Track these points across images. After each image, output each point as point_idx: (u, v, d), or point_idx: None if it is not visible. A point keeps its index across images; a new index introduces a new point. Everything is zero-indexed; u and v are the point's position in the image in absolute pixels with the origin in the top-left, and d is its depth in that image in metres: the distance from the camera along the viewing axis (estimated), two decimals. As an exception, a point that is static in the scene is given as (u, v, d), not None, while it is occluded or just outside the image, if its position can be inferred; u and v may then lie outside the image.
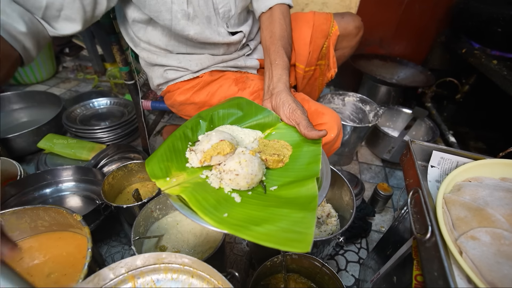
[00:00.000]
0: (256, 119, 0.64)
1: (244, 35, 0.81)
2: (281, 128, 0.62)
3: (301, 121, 0.57)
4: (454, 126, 1.44)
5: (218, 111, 0.64)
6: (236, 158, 0.48)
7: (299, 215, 0.41)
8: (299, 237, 0.38)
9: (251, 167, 0.48)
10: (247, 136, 0.59)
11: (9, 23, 0.48)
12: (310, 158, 0.55)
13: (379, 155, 1.35)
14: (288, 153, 0.56)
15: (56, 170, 0.97)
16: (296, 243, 0.37)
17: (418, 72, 1.62)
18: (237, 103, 0.65)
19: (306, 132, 0.56)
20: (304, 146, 0.58)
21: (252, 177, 0.48)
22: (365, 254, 0.94)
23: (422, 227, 0.47)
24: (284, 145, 0.58)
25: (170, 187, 0.46)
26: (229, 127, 0.61)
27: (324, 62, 1.00)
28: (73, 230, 0.69)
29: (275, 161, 0.53)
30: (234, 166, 0.47)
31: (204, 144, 0.50)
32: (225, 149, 0.49)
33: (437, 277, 0.39)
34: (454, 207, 0.50)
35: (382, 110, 1.22)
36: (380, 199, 1.03)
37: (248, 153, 0.49)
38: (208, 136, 0.52)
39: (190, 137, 0.58)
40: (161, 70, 0.82)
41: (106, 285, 0.48)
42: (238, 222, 0.41)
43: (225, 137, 0.52)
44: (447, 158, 0.61)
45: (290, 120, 0.60)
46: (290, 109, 0.60)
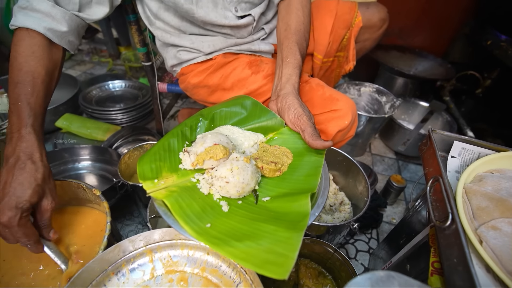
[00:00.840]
0: (259, 121, 0.60)
1: (254, 18, 0.78)
2: (285, 134, 0.58)
3: (306, 128, 0.53)
4: (471, 122, 1.40)
5: (220, 110, 0.60)
6: (228, 164, 0.45)
7: (285, 234, 0.38)
8: (279, 260, 0.35)
9: (243, 175, 0.45)
10: (247, 139, 0.56)
11: (56, 26, 0.58)
12: (310, 169, 0.51)
13: (393, 148, 1.33)
14: (288, 162, 0.53)
15: (73, 149, 0.99)
16: (274, 266, 0.34)
17: (437, 64, 1.57)
18: (242, 103, 0.62)
19: (311, 140, 0.51)
20: (306, 156, 0.54)
21: (243, 186, 0.45)
22: (375, 245, 0.94)
23: (442, 214, 0.46)
24: (284, 152, 0.54)
25: (156, 190, 0.44)
26: (230, 128, 0.58)
27: (343, 54, 0.98)
28: (91, 206, 0.71)
29: (272, 170, 0.50)
30: (225, 173, 0.44)
31: (198, 146, 0.48)
32: (218, 154, 0.46)
33: (456, 263, 0.39)
34: (475, 197, 0.49)
35: (398, 102, 1.19)
36: (393, 190, 1.02)
37: (242, 160, 0.46)
38: (204, 138, 0.49)
39: (188, 136, 0.55)
40: (175, 51, 0.82)
41: (125, 257, 0.50)
42: (219, 235, 0.39)
43: (221, 140, 0.49)
44: (469, 149, 0.60)
45: (295, 126, 0.56)
46: (295, 114, 0.56)
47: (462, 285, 0.37)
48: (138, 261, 0.51)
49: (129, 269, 0.50)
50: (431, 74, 1.48)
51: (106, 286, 0.47)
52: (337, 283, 0.69)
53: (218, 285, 0.50)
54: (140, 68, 1.70)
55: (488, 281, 0.40)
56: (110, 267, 0.48)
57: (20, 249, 0.60)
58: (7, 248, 0.60)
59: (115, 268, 0.49)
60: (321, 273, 0.72)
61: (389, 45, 1.67)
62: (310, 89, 0.78)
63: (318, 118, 0.76)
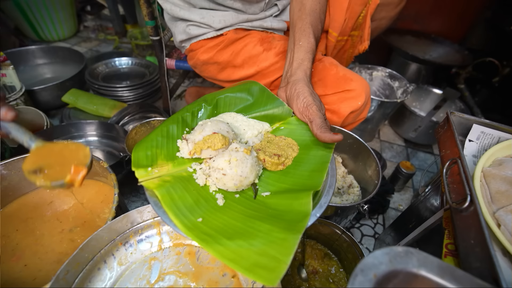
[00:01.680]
0: (266, 109, 0.56)
1: None
2: (292, 124, 0.55)
3: (315, 118, 0.49)
4: (484, 112, 1.36)
5: (225, 95, 0.57)
6: (226, 155, 0.42)
7: (281, 235, 0.35)
8: (271, 264, 0.32)
9: (241, 167, 0.42)
10: (251, 128, 0.52)
11: None
12: (317, 164, 0.47)
13: (403, 135, 1.31)
14: (293, 155, 0.50)
15: (80, 124, 0.98)
16: (264, 271, 0.31)
17: (454, 51, 1.51)
18: (248, 88, 0.58)
19: (319, 132, 0.47)
20: (313, 149, 0.50)
21: (241, 179, 0.42)
22: (380, 230, 0.93)
23: (459, 196, 0.45)
24: (290, 144, 0.51)
25: (149, 178, 0.42)
26: (234, 116, 0.54)
27: (357, 33, 0.94)
28: (98, 179, 0.70)
29: (274, 164, 0.47)
30: (222, 164, 0.41)
31: (196, 134, 0.45)
32: (217, 144, 0.43)
33: (473, 244, 0.38)
34: (494, 181, 0.47)
35: (412, 87, 1.16)
36: (402, 177, 1.00)
37: (241, 151, 0.43)
38: (203, 126, 0.46)
39: (188, 122, 0.52)
40: (184, 25, 0.79)
41: (133, 228, 0.50)
42: (210, 231, 0.36)
43: (221, 128, 0.45)
44: (488, 132, 0.57)
45: (303, 116, 0.52)
46: (304, 103, 0.52)
47: (479, 266, 0.36)
48: (146, 233, 0.51)
49: (137, 240, 0.50)
50: (446, 61, 1.43)
51: (114, 255, 0.47)
52: (342, 264, 0.69)
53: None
54: (147, 47, 1.66)
55: (504, 264, 0.39)
56: (118, 237, 0.48)
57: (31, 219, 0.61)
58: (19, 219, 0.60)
59: (123, 239, 0.49)
60: (327, 254, 0.72)
61: (403, 29, 1.61)
62: (323, 68, 0.75)
63: (330, 98, 0.74)
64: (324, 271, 0.69)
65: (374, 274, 0.28)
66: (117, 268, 0.47)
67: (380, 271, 0.28)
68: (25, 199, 0.64)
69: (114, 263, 0.47)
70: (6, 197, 0.62)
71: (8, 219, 0.60)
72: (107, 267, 0.46)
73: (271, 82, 0.79)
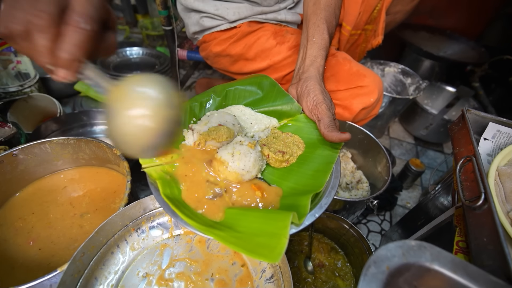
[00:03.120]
0: (275, 104, 0.55)
1: None
2: (300, 121, 0.54)
3: (323, 117, 0.48)
4: (499, 112, 1.33)
5: (235, 88, 0.56)
6: (230, 148, 0.42)
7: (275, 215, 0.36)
8: (271, 242, 0.33)
9: (244, 161, 0.41)
10: (258, 123, 0.52)
11: None
12: (321, 164, 0.46)
13: (413, 132, 1.29)
14: (298, 152, 0.49)
15: (92, 112, 1.00)
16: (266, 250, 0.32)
17: (470, 48, 1.47)
18: (259, 82, 0.57)
19: (326, 132, 0.47)
20: (319, 148, 0.49)
21: (242, 173, 0.41)
22: (387, 226, 0.93)
23: (472, 194, 0.44)
24: (296, 141, 0.51)
25: (152, 165, 0.42)
26: (242, 109, 0.54)
27: (371, 27, 0.92)
28: (110, 166, 0.72)
29: (278, 161, 0.47)
30: (225, 157, 0.41)
31: (202, 125, 0.45)
32: (221, 136, 0.43)
33: (486, 242, 0.38)
34: (509, 180, 0.47)
35: (425, 84, 1.14)
36: (411, 174, 1.00)
37: (245, 145, 0.43)
38: (209, 117, 0.46)
39: (196, 112, 0.52)
40: (197, 17, 0.79)
41: (146, 215, 0.51)
42: (210, 221, 0.38)
43: (227, 121, 0.45)
44: (505, 131, 0.56)
45: (312, 114, 0.51)
46: (314, 101, 0.51)
47: (492, 264, 0.35)
48: (158, 220, 0.52)
49: (149, 227, 0.51)
50: (462, 58, 1.40)
51: (126, 240, 0.49)
52: (349, 259, 0.70)
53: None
54: (157, 37, 1.67)
55: (516, 263, 0.38)
56: (131, 223, 0.49)
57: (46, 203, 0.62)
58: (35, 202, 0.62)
59: (136, 225, 0.50)
60: (333, 248, 0.72)
61: (418, 24, 1.58)
62: (336, 63, 0.75)
63: (342, 94, 0.73)
64: (330, 264, 0.70)
65: (387, 266, 0.28)
66: (130, 253, 0.48)
67: (393, 263, 0.29)
68: (41, 183, 0.65)
69: (127, 248, 0.48)
70: (22, 181, 0.64)
71: (25, 202, 0.61)
72: (120, 252, 0.47)
73: (283, 76, 0.79)
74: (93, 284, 0.43)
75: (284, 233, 0.33)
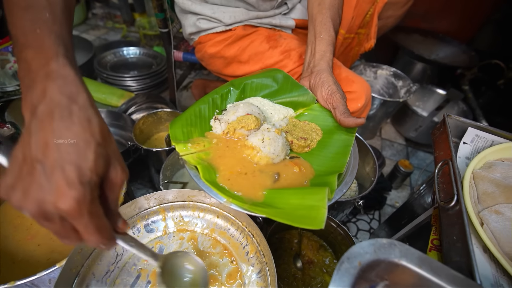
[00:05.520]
0: (290, 96, 0.60)
1: None
2: (315, 110, 0.58)
3: (338, 105, 0.53)
4: (488, 115, 1.36)
5: (252, 81, 0.61)
6: (259, 134, 0.46)
7: (311, 190, 0.42)
8: (312, 213, 0.37)
9: (273, 146, 0.45)
10: (277, 113, 0.56)
11: None
12: (340, 148, 0.51)
13: (404, 134, 1.32)
14: (317, 138, 0.53)
15: (89, 112, 1.02)
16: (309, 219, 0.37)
17: (461, 51, 1.51)
18: (273, 75, 0.62)
19: (342, 118, 0.51)
20: (336, 134, 0.54)
21: (273, 157, 0.45)
22: (376, 225, 0.97)
23: (447, 196, 0.47)
24: (314, 128, 0.54)
25: (188, 153, 0.46)
26: (260, 100, 0.58)
27: (364, 31, 0.95)
28: (107, 166, 0.74)
29: (301, 146, 0.50)
30: (256, 143, 0.45)
31: (230, 115, 0.48)
32: (250, 124, 0.47)
33: (455, 240, 0.41)
34: (482, 182, 0.50)
35: (415, 87, 1.17)
36: (399, 175, 1.03)
37: (273, 131, 0.46)
38: (236, 107, 0.50)
39: (218, 104, 0.56)
40: (194, 19, 0.81)
41: (141, 213, 0.53)
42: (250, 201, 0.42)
43: (253, 110, 0.49)
44: (483, 136, 0.59)
45: (327, 103, 0.56)
46: (329, 91, 0.55)
47: (459, 260, 0.38)
48: (152, 218, 0.54)
49: (144, 225, 0.54)
50: (452, 61, 1.43)
51: (122, 237, 0.51)
52: (336, 256, 0.73)
53: (226, 245, 0.53)
54: (155, 36, 1.68)
55: (483, 260, 0.41)
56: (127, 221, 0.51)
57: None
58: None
59: (131, 223, 0.52)
60: (322, 246, 0.75)
61: (411, 27, 1.61)
62: None
63: None
64: (319, 261, 0.73)
65: (359, 262, 0.31)
66: (125, 250, 0.51)
67: (364, 259, 0.32)
68: (39, 182, 0.68)
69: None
70: (21, 180, 0.66)
71: (24, 200, 0.64)
72: (115, 248, 0.50)
73: None
74: (90, 279, 0.46)
75: (323, 204, 0.38)
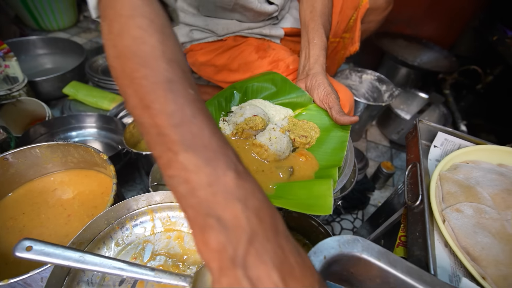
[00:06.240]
0: (289, 97, 0.64)
1: (278, 8, 0.81)
2: (312, 110, 0.63)
3: (334, 105, 0.58)
4: (469, 117, 1.42)
5: (252, 84, 0.65)
6: (266, 134, 0.50)
7: (317, 182, 0.47)
8: (319, 201, 0.43)
9: (280, 144, 0.50)
10: (278, 113, 0.61)
11: None
12: (337, 144, 0.57)
13: (388, 136, 1.37)
14: (316, 136, 0.58)
15: (80, 116, 1.04)
16: (317, 207, 0.42)
17: (443, 57, 1.57)
18: (272, 78, 0.66)
19: (338, 116, 0.56)
20: (332, 131, 0.59)
21: (279, 154, 0.49)
22: (359, 224, 1.01)
23: (414, 196, 0.51)
24: (312, 127, 0.59)
25: None
26: (262, 102, 0.63)
27: (348, 35, 0.99)
28: (97, 169, 0.76)
29: (302, 143, 0.55)
30: (264, 141, 0.49)
31: (237, 117, 0.53)
32: (258, 125, 0.51)
33: (418, 236, 0.45)
34: (447, 183, 0.54)
35: (397, 91, 1.22)
36: (382, 176, 1.07)
37: (278, 130, 0.51)
38: (242, 109, 0.54)
39: (223, 106, 0.61)
40: (187, 29, 0.84)
41: (129, 214, 0.56)
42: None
43: (258, 112, 0.53)
44: (451, 140, 0.64)
45: (323, 103, 0.60)
46: (325, 92, 0.60)
47: (419, 254, 0.42)
48: (141, 218, 0.57)
49: (132, 225, 0.56)
50: (434, 66, 1.49)
51: (112, 237, 0.54)
52: (318, 253, 0.76)
53: (210, 244, 0.56)
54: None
55: (444, 253, 0.46)
56: (116, 222, 0.54)
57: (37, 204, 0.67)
58: (26, 203, 0.66)
59: (120, 223, 0.55)
60: (306, 244, 0.79)
61: (396, 33, 1.66)
62: None
63: None
64: (302, 259, 0.76)
65: (325, 256, 0.35)
66: (114, 248, 0.53)
67: (330, 254, 0.35)
68: (31, 185, 0.70)
69: (112, 243, 0.53)
70: (13, 183, 0.68)
71: (16, 203, 0.66)
72: (105, 247, 0.53)
73: None
74: (81, 276, 0.48)
75: (329, 193, 0.44)
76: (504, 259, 0.43)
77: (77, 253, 0.36)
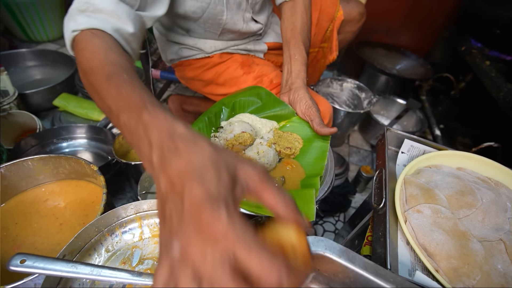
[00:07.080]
0: (274, 110, 0.69)
1: (262, 27, 0.86)
2: (295, 122, 0.68)
3: (315, 118, 0.62)
4: (446, 121, 1.51)
5: (240, 99, 0.70)
6: (254, 148, 0.54)
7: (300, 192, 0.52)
8: (303, 210, 0.47)
9: (267, 158, 0.54)
10: (264, 126, 0.65)
11: (122, 27, 0.48)
12: (318, 154, 0.62)
13: (369, 141, 1.44)
14: (299, 147, 0.62)
15: (71, 127, 1.06)
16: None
17: (419, 65, 1.66)
18: (257, 93, 0.71)
19: (319, 128, 0.61)
20: (314, 142, 0.64)
21: (267, 167, 0.54)
22: (341, 226, 1.06)
23: (380, 199, 0.57)
24: (296, 138, 0.64)
25: None
26: (249, 116, 0.67)
27: (327, 44, 1.06)
28: (88, 179, 0.79)
29: (287, 155, 0.60)
30: (253, 156, 0.53)
31: (227, 133, 0.57)
32: (246, 140, 0.55)
33: (380, 236, 0.50)
34: (410, 186, 0.60)
35: (376, 99, 1.29)
36: (362, 180, 1.13)
37: (265, 145, 0.55)
38: (231, 126, 0.58)
39: (213, 122, 0.65)
40: (176, 48, 0.88)
41: (119, 222, 0.60)
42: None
43: (246, 128, 0.58)
44: (416, 146, 0.70)
45: (305, 116, 0.65)
46: (306, 106, 0.65)
47: (380, 251, 0.48)
48: (129, 225, 0.61)
49: (122, 232, 0.60)
50: (411, 74, 1.58)
51: (102, 244, 0.57)
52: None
53: (195, 248, 0.60)
54: (135, 51, 1.73)
55: (405, 251, 0.51)
56: (106, 229, 0.58)
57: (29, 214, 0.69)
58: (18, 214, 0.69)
59: (110, 230, 0.59)
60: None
61: (376, 42, 1.75)
62: None
63: None
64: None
65: (292, 254, 0.40)
66: (105, 254, 0.57)
67: (297, 252, 0.40)
68: (23, 196, 0.72)
69: (102, 250, 0.57)
70: (5, 195, 0.70)
71: (8, 214, 0.68)
72: (96, 253, 0.56)
73: None
74: (73, 281, 0.52)
75: (312, 201, 0.49)
76: (455, 253, 0.48)
77: (68, 264, 0.40)
